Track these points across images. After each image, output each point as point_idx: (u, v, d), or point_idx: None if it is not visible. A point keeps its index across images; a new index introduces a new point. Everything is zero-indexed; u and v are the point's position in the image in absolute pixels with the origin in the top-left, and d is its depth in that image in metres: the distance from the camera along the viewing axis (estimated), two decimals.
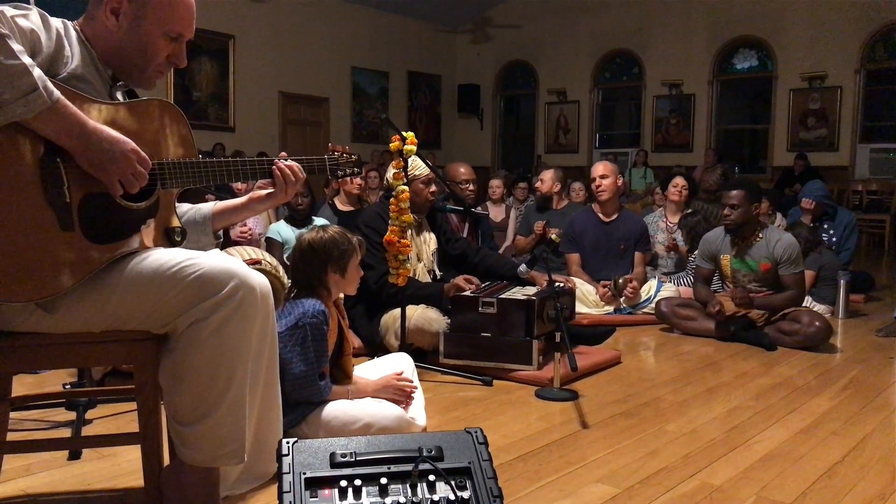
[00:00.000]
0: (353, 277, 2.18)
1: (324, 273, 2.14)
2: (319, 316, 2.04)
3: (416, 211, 3.24)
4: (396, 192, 2.84)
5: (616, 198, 4.54)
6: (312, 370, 2.01)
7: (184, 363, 1.48)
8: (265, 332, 1.56)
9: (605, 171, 4.44)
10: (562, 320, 2.69)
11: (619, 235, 4.46)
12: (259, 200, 1.81)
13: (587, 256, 4.48)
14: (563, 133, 13.03)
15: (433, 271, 3.39)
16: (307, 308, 2.04)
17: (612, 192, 4.43)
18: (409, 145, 2.82)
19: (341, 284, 2.16)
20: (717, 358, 3.49)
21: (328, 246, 2.14)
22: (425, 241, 3.39)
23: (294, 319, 2.02)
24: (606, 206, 4.48)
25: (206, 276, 1.46)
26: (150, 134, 1.54)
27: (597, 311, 4.22)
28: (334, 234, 2.16)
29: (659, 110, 11.96)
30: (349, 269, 2.15)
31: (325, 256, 2.14)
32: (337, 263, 2.14)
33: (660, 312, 4.02)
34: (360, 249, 2.18)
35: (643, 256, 4.51)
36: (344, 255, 2.14)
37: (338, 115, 11.79)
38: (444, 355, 3.02)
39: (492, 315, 2.97)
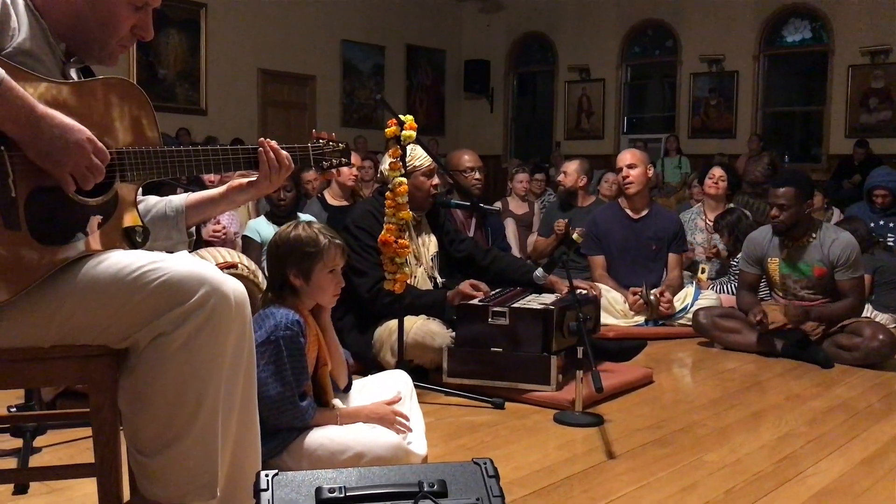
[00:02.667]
0: (322, 286, 2.15)
1: (285, 277, 2.13)
2: (294, 327, 2.04)
3: (416, 207, 3.25)
4: (393, 184, 2.85)
5: (646, 191, 4.53)
6: (291, 391, 2.02)
7: (146, 383, 1.48)
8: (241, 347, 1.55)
9: (633, 159, 4.43)
10: (585, 333, 2.69)
11: (649, 234, 4.46)
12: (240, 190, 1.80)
13: (613, 259, 4.47)
14: (585, 116, 13.03)
15: (434, 277, 3.39)
16: (279, 319, 2.04)
17: (642, 184, 4.42)
18: (407, 131, 2.82)
19: (308, 293, 2.15)
20: (765, 377, 3.48)
21: (290, 245, 2.13)
22: (425, 243, 3.40)
23: (265, 333, 2.03)
24: (635, 200, 4.47)
25: (173, 281, 1.46)
26: (107, 119, 1.53)
27: (625, 322, 4.22)
28: (301, 233, 2.14)
29: (697, 90, 11.96)
30: (314, 276, 2.13)
31: (285, 257, 2.13)
32: (298, 267, 2.12)
33: (698, 324, 4.01)
34: (333, 255, 2.15)
35: (678, 258, 4.50)
36: (305, 259, 2.12)
37: (326, 95, 11.82)
38: (447, 374, 3.02)
39: (503, 327, 2.97)
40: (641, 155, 4.54)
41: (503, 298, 3.16)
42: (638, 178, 4.40)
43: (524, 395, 2.94)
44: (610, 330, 4.07)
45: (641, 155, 4.54)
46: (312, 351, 2.15)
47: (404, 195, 2.84)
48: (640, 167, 4.42)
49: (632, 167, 4.41)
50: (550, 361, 2.93)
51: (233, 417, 1.57)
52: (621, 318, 4.22)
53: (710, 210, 5.17)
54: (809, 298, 3.79)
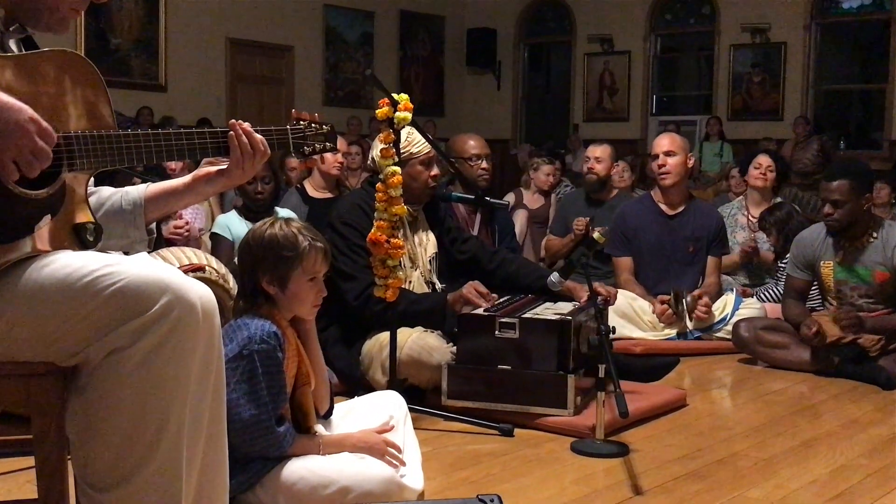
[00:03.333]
0: (300, 296, 2.15)
1: (257, 283, 2.14)
2: (270, 339, 2.04)
3: (412, 201, 3.25)
4: (385, 174, 2.85)
5: (684, 183, 4.53)
6: (266, 414, 2.02)
7: (99, 406, 1.48)
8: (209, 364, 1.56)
9: (672, 146, 4.43)
10: (608, 348, 2.69)
11: (687, 233, 4.45)
12: (207, 180, 1.81)
13: (643, 261, 4.47)
14: (608, 95, 13.06)
15: (433, 282, 3.40)
16: (253, 331, 2.04)
17: (680, 175, 4.42)
18: (401, 112, 2.82)
19: (284, 302, 2.15)
20: (817, 399, 3.48)
21: (264, 246, 2.13)
22: (422, 243, 3.40)
23: (237, 347, 2.03)
24: (671, 193, 4.47)
25: (130, 288, 1.46)
26: (50, 98, 1.54)
27: (654, 335, 4.23)
28: (277, 232, 2.14)
29: (738, 65, 11.97)
30: (291, 284, 2.13)
31: (258, 261, 2.13)
32: (272, 273, 2.12)
33: (739, 337, 4.01)
34: (314, 260, 2.14)
35: (717, 262, 4.51)
36: (281, 264, 2.12)
37: (306, 69, 11.83)
38: (447, 395, 3.02)
39: (512, 341, 2.97)
40: (682, 141, 4.52)
41: (512, 308, 3.16)
42: (676, 167, 4.39)
43: (537, 421, 2.93)
44: (636, 344, 4.08)
45: (682, 141, 4.52)
46: (291, 368, 2.15)
47: (398, 187, 2.84)
48: (680, 155, 4.41)
49: (670, 154, 4.40)
50: (567, 381, 2.93)
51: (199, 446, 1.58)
52: (649, 331, 4.23)
53: (753, 205, 5.17)
54: (869, 308, 3.79)
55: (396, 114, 2.82)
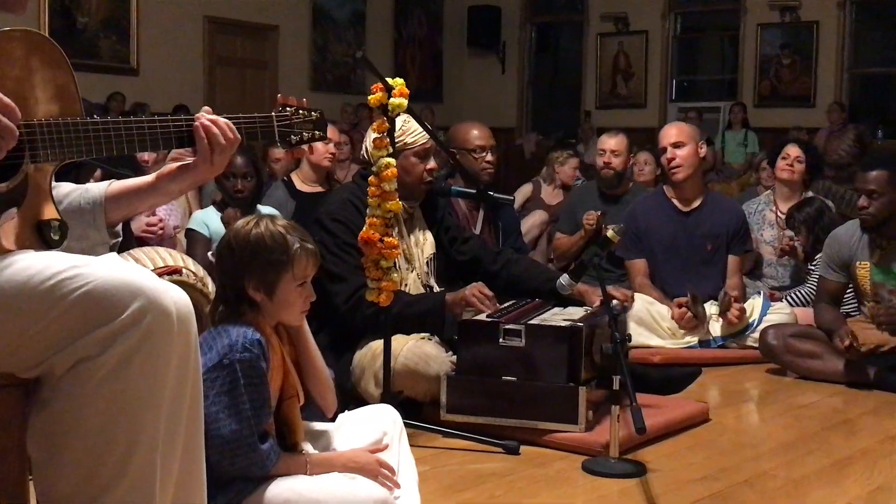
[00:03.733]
0: (289, 302, 2.16)
1: (241, 289, 2.14)
2: (253, 348, 2.05)
3: (407, 196, 3.25)
4: (378, 167, 2.85)
5: (699, 176, 4.53)
6: (249, 429, 2.02)
7: (64, 422, 1.48)
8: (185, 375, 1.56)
9: (679, 136, 4.44)
10: (623, 358, 2.69)
11: (703, 231, 4.47)
12: (171, 177, 1.81)
13: (658, 263, 4.49)
14: (623, 79, 13.07)
15: (430, 285, 3.41)
16: (234, 338, 2.05)
17: (692, 167, 4.44)
18: (396, 98, 2.82)
19: (271, 309, 2.16)
20: (852, 414, 3.48)
21: (249, 250, 2.13)
22: (419, 242, 3.41)
23: (217, 356, 2.03)
24: (684, 188, 4.49)
25: (99, 292, 1.46)
26: (11, 82, 1.54)
27: (673, 343, 4.23)
28: (263, 233, 2.13)
29: (766, 45, 11.98)
30: (279, 290, 2.13)
31: (243, 265, 2.13)
32: (259, 278, 2.12)
33: (767, 346, 4.02)
34: (304, 264, 2.15)
35: (739, 261, 4.51)
36: (269, 269, 2.12)
37: (291, 51, 11.83)
38: (447, 409, 3.03)
39: (518, 350, 2.98)
40: (690, 130, 4.54)
41: (518, 313, 3.16)
42: (686, 159, 4.40)
43: (545, 437, 2.94)
44: (654, 353, 4.08)
45: (690, 130, 4.54)
46: (276, 379, 2.15)
47: (392, 181, 2.84)
48: (689, 145, 4.42)
49: (678, 146, 4.42)
50: (578, 394, 2.93)
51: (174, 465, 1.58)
52: (669, 339, 4.23)
53: (782, 199, 5.17)
54: None
55: (391, 100, 2.81)
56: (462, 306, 3.13)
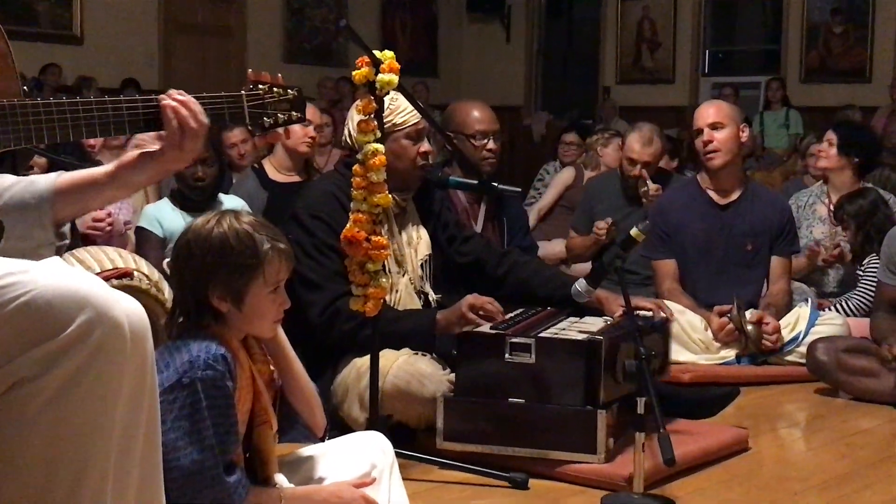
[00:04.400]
0: (260, 311, 2.17)
1: (205, 298, 2.15)
2: (217, 364, 2.05)
3: (398, 187, 3.25)
4: (364, 154, 2.85)
5: (738, 163, 4.52)
6: (213, 459, 2.02)
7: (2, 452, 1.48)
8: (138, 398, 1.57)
9: (718, 116, 4.43)
10: (649, 376, 2.69)
11: (743, 227, 4.47)
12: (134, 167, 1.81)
13: (689, 265, 4.49)
14: (648, 50, 13.07)
15: (425, 292, 3.41)
16: (195, 354, 2.05)
17: (732, 152, 4.43)
18: (385, 74, 2.82)
19: (240, 320, 2.17)
20: None
21: (214, 253, 2.13)
22: (412, 241, 3.41)
23: (175, 374, 2.04)
24: (722, 177, 4.48)
25: (40, 303, 1.46)
26: None
27: (707, 358, 4.24)
28: (228, 233, 2.14)
29: (814, 12, 11.98)
30: (249, 298, 2.14)
31: (206, 271, 2.14)
32: (225, 285, 2.13)
33: (815, 362, 4.01)
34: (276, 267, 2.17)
35: (786, 264, 4.51)
36: (237, 275, 2.13)
37: (261, 16, 11.81)
38: (444, 436, 3.03)
39: (527, 366, 2.98)
40: (731, 110, 4.52)
41: (527, 324, 3.16)
42: (726, 143, 4.39)
43: (558, 469, 2.93)
44: (685, 371, 4.08)
45: (731, 110, 4.52)
46: (245, 400, 2.15)
47: (381, 169, 2.84)
48: (730, 127, 4.40)
49: (716, 127, 4.40)
50: (597, 419, 2.92)
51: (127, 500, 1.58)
52: (702, 353, 4.23)
53: (835, 191, 5.18)
54: None
55: (379, 77, 2.81)
56: (459, 324, 3.13)
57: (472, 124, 4.08)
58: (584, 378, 2.94)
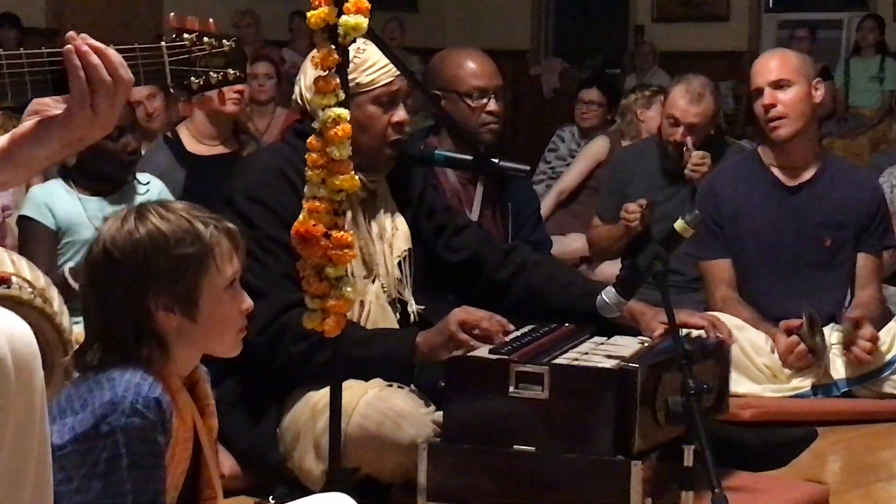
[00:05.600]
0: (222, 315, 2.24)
1: (143, 312, 2.17)
2: (148, 411, 2.07)
3: (366, 164, 3.28)
4: (322, 121, 2.83)
5: (812, 131, 4.53)
6: None
7: None
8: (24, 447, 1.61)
9: (783, 72, 4.43)
10: (700, 417, 2.69)
11: (820, 216, 4.49)
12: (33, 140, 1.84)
13: (749, 265, 4.51)
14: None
15: (402, 300, 3.43)
16: (121, 392, 2.07)
17: (803, 118, 4.42)
18: (351, 16, 2.79)
19: (191, 336, 2.21)
20: None
21: (143, 252, 2.17)
22: (384, 234, 3.43)
23: (91, 418, 2.05)
24: (791, 150, 4.48)
25: None
26: None
27: (775, 389, 4.25)
28: (159, 224, 2.18)
29: None
30: (204, 301, 2.20)
31: (140, 279, 2.17)
32: (168, 292, 2.17)
33: None
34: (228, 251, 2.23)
35: (877, 263, 4.53)
36: (181, 273, 2.18)
37: None
38: (428, 495, 3.02)
39: (539, 404, 2.97)
40: (799, 62, 4.52)
41: (537, 346, 3.16)
42: (794, 106, 4.38)
43: None
44: (746, 406, 4.07)
45: (799, 62, 4.52)
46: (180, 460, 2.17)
47: (345, 144, 2.81)
48: (799, 86, 4.40)
49: (781, 86, 4.39)
50: (631, 472, 2.91)
51: None
52: (767, 383, 4.24)
53: None
54: None
55: (342, 19, 2.78)
56: (446, 348, 3.12)
57: (467, 79, 4.09)
58: (613, 419, 2.93)
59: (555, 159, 7.40)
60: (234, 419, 3.23)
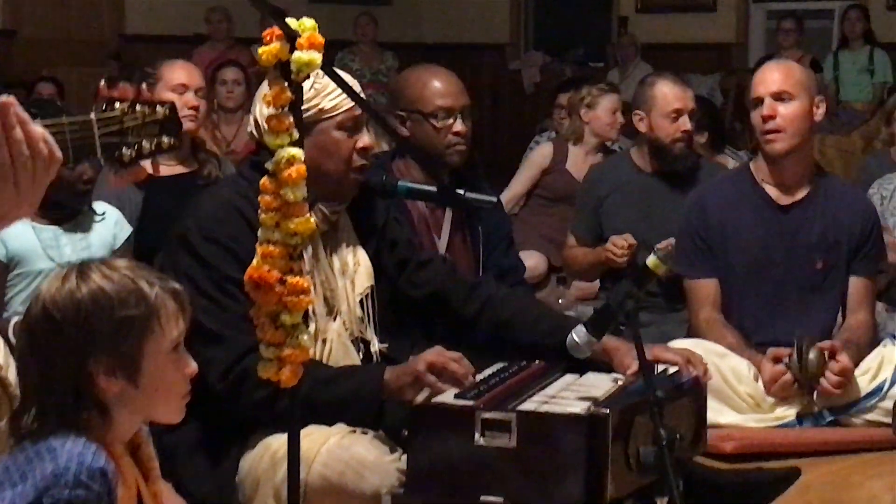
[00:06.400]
0: (165, 380, 2.26)
1: (83, 376, 2.18)
2: (93, 482, 2.08)
3: (328, 194, 3.31)
4: (276, 162, 2.81)
5: (809, 148, 4.52)
6: None
7: None
8: None
9: (786, 84, 4.37)
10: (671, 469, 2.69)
11: (813, 238, 4.45)
12: None
13: (736, 286, 4.49)
14: None
15: (365, 340, 3.44)
16: (63, 464, 2.08)
17: (801, 134, 4.37)
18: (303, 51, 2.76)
19: (134, 401, 2.23)
20: None
21: (86, 313, 2.19)
22: (346, 270, 3.44)
23: (32, 491, 2.06)
24: (786, 167, 4.44)
25: None
26: None
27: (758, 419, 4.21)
28: (101, 283, 2.21)
29: None
30: (146, 365, 2.22)
31: (82, 341, 2.18)
32: (110, 355, 2.18)
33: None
34: (174, 314, 2.26)
35: (868, 287, 4.49)
36: (124, 336, 2.19)
37: None
38: None
39: (506, 451, 2.96)
40: (804, 75, 4.47)
41: (505, 388, 3.17)
42: (794, 121, 4.33)
43: None
44: (727, 438, 4.01)
45: (804, 75, 4.47)
46: None
47: (299, 185, 2.79)
48: (801, 100, 4.34)
49: (782, 98, 4.34)
50: None
51: None
52: (750, 412, 4.20)
53: None
54: None
55: (295, 55, 2.76)
56: (413, 388, 3.11)
57: (431, 99, 4.09)
58: (584, 467, 2.92)
59: None
60: (192, 467, 3.25)
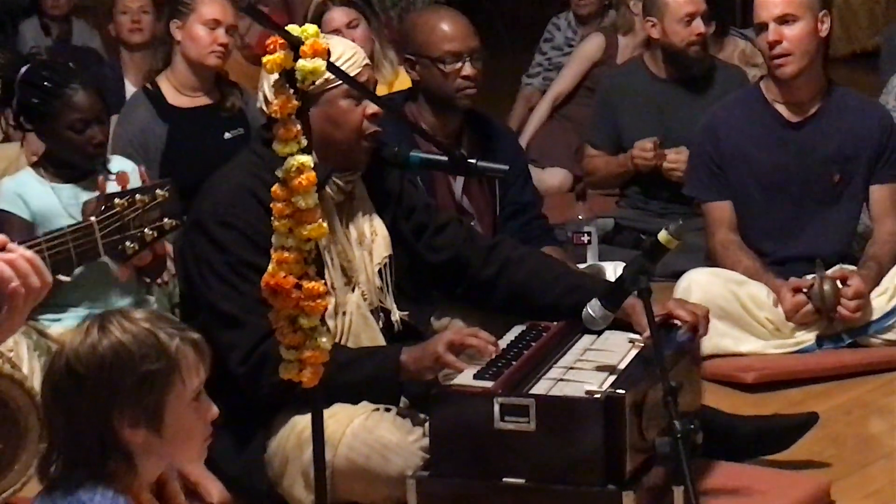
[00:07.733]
0: (187, 429, 2.21)
1: (108, 428, 2.16)
2: None
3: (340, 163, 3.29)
4: (285, 171, 2.77)
5: (818, 65, 4.47)
6: None
7: None
8: None
9: (789, 6, 4.35)
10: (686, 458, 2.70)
11: (827, 151, 4.46)
12: None
13: (751, 206, 4.49)
14: None
15: (385, 309, 3.43)
16: None
17: (809, 53, 4.38)
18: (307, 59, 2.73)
19: (158, 449, 2.19)
20: None
21: (108, 368, 2.14)
22: (363, 240, 3.42)
23: None
24: (796, 88, 4.44)
25: None
26: None
27: (778, 345, 4.26)
28: (122, 338, 2.16)
29: None
30: (169, 416, 2.17)
31: (106, 396, 2.15)
32: (135, 408, 2.15)
33: None
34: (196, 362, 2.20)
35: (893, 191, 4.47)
36: (147, 389, 2.15)
37: None
38: None
39: (525, 435, 2.97)
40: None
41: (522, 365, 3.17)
42: (801, 42, 4.32)
43: None
44: (748, 368, 4.10)
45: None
46: None
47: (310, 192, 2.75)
48: (806, 20, 4.33)
49: (787, 21, 4.32)
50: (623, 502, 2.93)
51: None
52: (771, 338, 4.25)
53: None
54: None
55: (299, 63, 2.72)
56: (433, 368, 3.14)
57: (439, 44, 4.07)
58: (602, 447, 2.94)
59: (550, 49, 7.26)
60: (221, 444, 3.09)
